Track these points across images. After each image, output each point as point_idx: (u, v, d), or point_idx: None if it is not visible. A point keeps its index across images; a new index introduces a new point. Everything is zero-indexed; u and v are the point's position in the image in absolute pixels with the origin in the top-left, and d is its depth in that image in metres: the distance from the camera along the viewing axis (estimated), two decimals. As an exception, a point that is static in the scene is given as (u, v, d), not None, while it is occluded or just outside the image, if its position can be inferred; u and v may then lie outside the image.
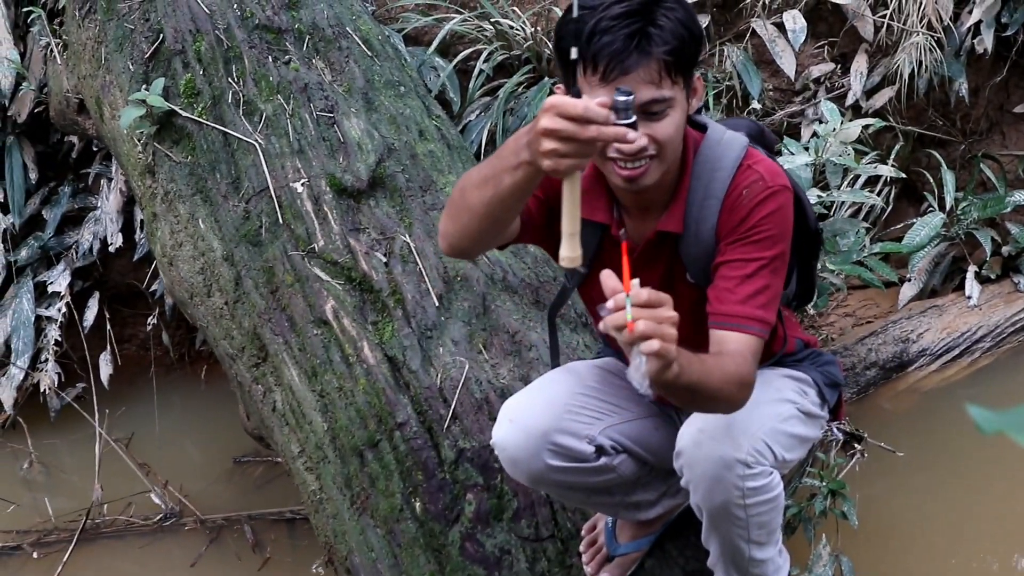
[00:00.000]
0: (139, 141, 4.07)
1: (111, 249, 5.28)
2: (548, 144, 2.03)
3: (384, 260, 3.59)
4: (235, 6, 4.04)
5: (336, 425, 3.41)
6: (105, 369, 5.22)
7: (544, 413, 2.69)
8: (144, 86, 3.99)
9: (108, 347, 5.28)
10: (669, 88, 2.34)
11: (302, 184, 3.73)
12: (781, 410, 2.69)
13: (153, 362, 5.44)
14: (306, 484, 3.52)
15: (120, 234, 5.24)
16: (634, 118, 2.15)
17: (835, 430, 4.00)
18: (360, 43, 4.11)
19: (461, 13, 5.22)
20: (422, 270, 3.58)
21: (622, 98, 2.14)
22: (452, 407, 3.30)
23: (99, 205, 5.32)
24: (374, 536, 3.25)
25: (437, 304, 3.51)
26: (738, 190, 2.48)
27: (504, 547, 3.12)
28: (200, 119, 3.91)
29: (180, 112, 3.94)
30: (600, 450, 2.74)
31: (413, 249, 3.62)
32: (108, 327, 5.32)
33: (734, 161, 2.52)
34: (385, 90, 4.03)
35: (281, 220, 3.71)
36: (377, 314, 3.52)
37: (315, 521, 3.54)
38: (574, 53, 2.17)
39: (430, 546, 3.16)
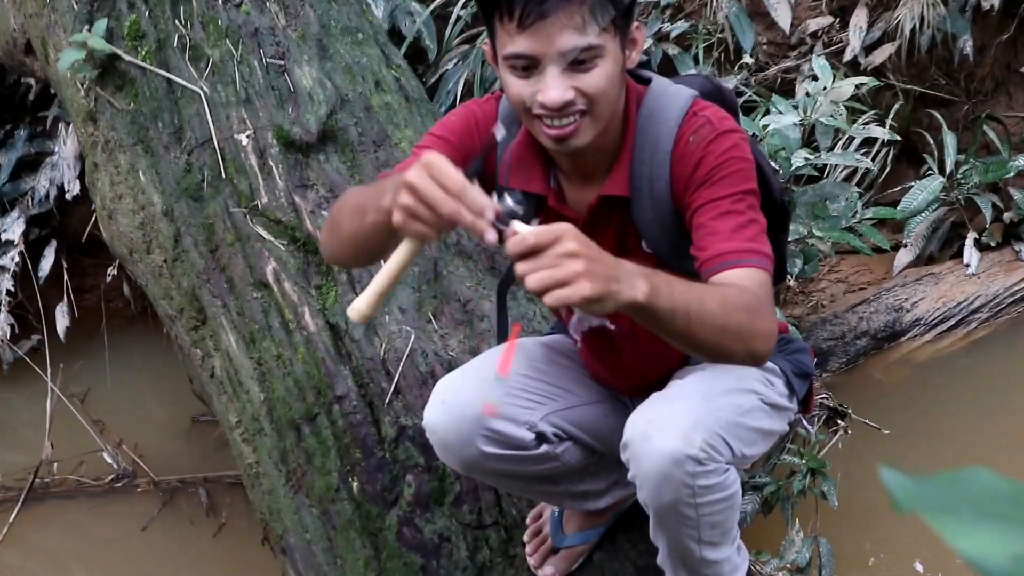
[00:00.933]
0: (81, 86, 3.85)
1: (68, 197, 5.10)
2: (406, 199, 1.82)
3: (331, 219, 3.36)
4: (185, -59, 3.78)
5: (273, 396, 3.22)
6: (61, 321, 5.07)
7: (479, 395, 2.44)
8: (87, 27, 3.77)
9: (65, 298, 5.11)
10: (596, 35, 2.08)
11: (247, 136, 3.51)
12: (742, 401, 2.44)
13: (106, 315, 5.30)
14: (243, 456, 3.33)
15: (78, 181, 5.03)
16: (521, 227, 1.81)
17: (804, 422, 3.80)
18: (318, -15, 3.85)
19: (442, -45, 4.99)
20: (371, 230, 3.34)
21: (512, 206, 1.83)
22: (395, 381, 3.11)
23: (56, 150, 5.12)
24: (309, 516, 3.07)
25: None
26: (684, 138, 2.24)
27: (443, 533, 2.93)
28: (144, 64, 3.68)
29: (123, 56, 3.71)
30: (541, 437, 2.53)
31: (363, 209, 3.39)
32: (65, 277, 5.15)
33: (680, 111, 2.27)
34: (342, 36, 3.78)
35: (224, 174, 3.49)
36: (321, 277, 3.31)
37: (252, 496, 3.36)
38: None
39: (366, 529, 2.98)
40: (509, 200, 1.83)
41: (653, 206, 2.30)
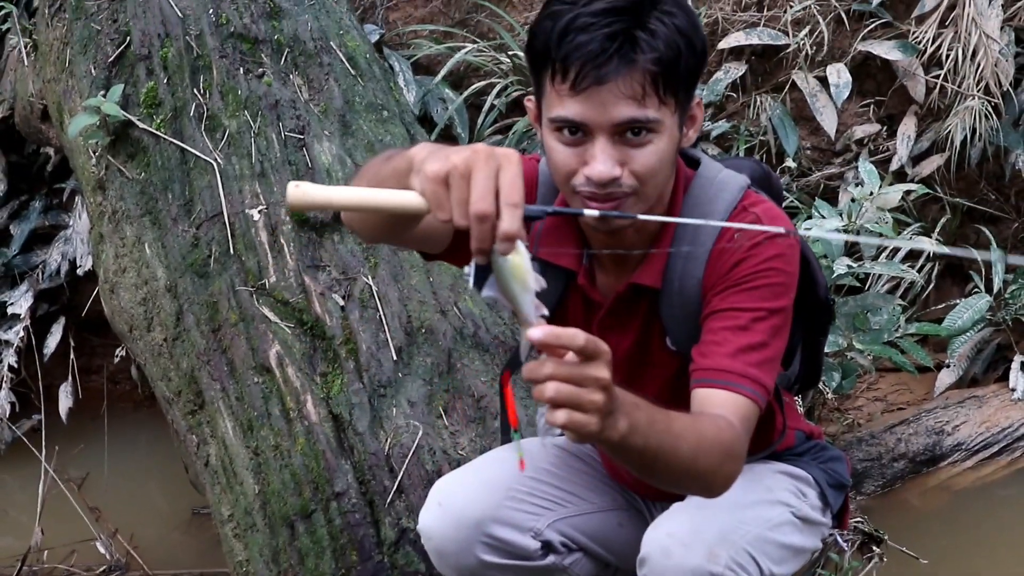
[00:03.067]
0: (93, 153, 3.77)
1: (80, 272, 5.01)
2: (453, 174, 1.57)
3: (341, 303, 3.25)
4: (211, 11, 3.71)
5: (268, 489, 3.08)
6: (64, 401, 4.93)
7: (480, 498, 2.31)
8: (103, 92, 3.69)
9: (70, 377, 4.99)
10: (655, 108, 1.92)
11: (259, 211, 3.39)
12: (772, 514, 2.30)
13: (108, 397, 5.18)
14: (233, 553, 3.19)
15: (90, 256, 4.90)
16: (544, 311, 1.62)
17: (838, 539, 3.61)
18: (344, 60, 3.75)
19: (476, 43, 4.89)
20: (382, 317, 3.22)
21: (542, 281, 1.62)
22: (399, 479, 2.97)
23: (71, 223, 5.02)
24: (298, 622, 2.88)
25: (395, 358, 3.17)
26: (730, 234, 2.08)
27: (441, 649, 2.72)
28: (158, 132, 3.59)
29: (137, 123, 3.62)
30: (548, 547, 2.36)
31: (375, 293, 3.27)
32: (72, 356, 5.03)
33: (729, 204, 2.13)
34: (366, 113, 3.69)
35: (232, 250, 3.37)
36: (327, 364, 3.18)
37: (241, 596, 3.16)
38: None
39: (359, 640, 2.79)
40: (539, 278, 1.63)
41: (682, 302, 2.16)
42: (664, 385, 2.23)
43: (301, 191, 1.62)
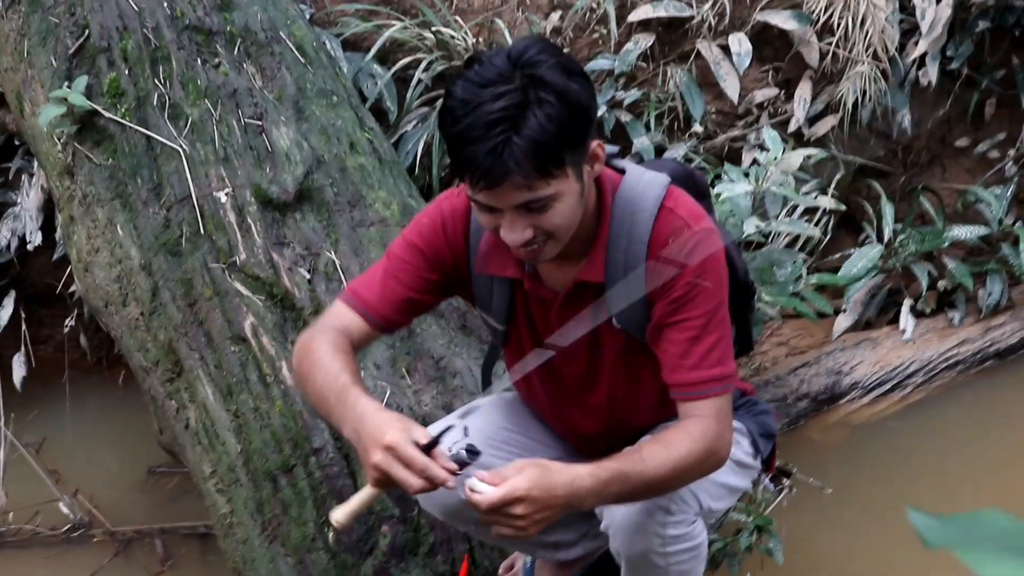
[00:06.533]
0: (59, 140, 3.91)
1: (29, 247, 5.10)
2: (376, 475, 2.14)
3: (308, 277, 3.47)
4: (165, 4, 3.87)
5: (250, 447, 3.29)
6: (18, 371, 5.05)
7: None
8: (66, 83, 3.83)
9: (22, 348, 5.11)
10: (545, 187, 2.16)
11: (226, 194, 3.59)
12: None
13: (68, 365, 5.27)
14: (217, 506, 3.40)
15: (40, 232, 5.05)
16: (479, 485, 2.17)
17: (766, 481, 3.91)
18: (293, 49, 3.95)
19: (402, 20, 5.09)
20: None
21: (466, 458, 2.21)
22: None
23: (19, 201, 5.13)
24: (284, 565, 3.14)
25: None
26: (662, 237, 2.36)
27: (419, 583, 3.01)
28: (123, 121, 3.75)
29: (103, 112, 3.78)
30: (518, 486, 2.65)
31: (338, 266, 3.50)
32: (23, 327, 5.15)
33: (655, 201, 2.38)
34: (317, 99, 3.89)
35: (203, 230, 3.56)
36: (298, 333, 3.37)
37: (224, 545, 3.42)
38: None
39: (342, 578, 3.05)
40: (463, 454, 2.20)
41: (626, 291, 2.41)
42: (615, 358, 2.56)
43: (337, 520, 2.25)
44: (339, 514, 2.23)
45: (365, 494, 2.22)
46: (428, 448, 2.12)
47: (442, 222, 2.53)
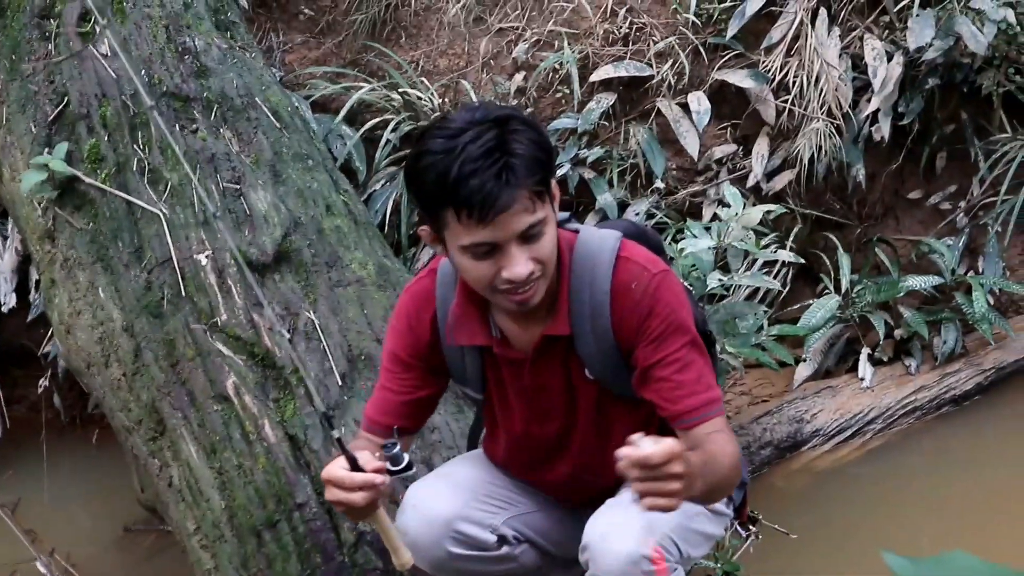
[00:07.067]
0: (39, 205, 3.98)
1: (3, 309, 5.12)
2: (333, 503, 2.39)
3: (288, 336, 3.54)
4: (143, 72, 3.96)
5: (234, 504, 3.36)
6: (-8, 431, 5.08)
7: (449, 500, 2.72)
8: (47, 149, 3.92)
9: (-4, 408, 5.14)
10: (541, 208, 2.33)
11: (206, 256, 3.67)
12: (688, 507, 2.64)
13: (44, 425, 5.28)
14: (201, 563, 3.45)
15: (14, 294, 5.09)
16: (406, 459, 2.41)
17: (738, 528, 3.98)
18: (269, 114, 4.06)
19: (369, 82, 5.21)
20: (326, 348, 3.54)
21: (393, 451, 2.40)
22: None
23: (-8, 264, 5.18)
24: (269, 618, 3.21)
25: (340, 383, 3.48)
26: (624, 285, 2.49)
27: (401, 634, 3.08)
28: (104, 186, 3.83)
29: (83, 178, 3.86)
30: (502, 539, 2.76)
31: (317, 326, 3.58)
32: (-2, 388, 5.17)
33: (611, 253, 2.52)
34: (293, 163, 3.99)
35: (184, 292, 3.64)
36: (279, 391, 3.48)
37: (209, 601, 3.47)
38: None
39: (327, 630, 3.12)
40: (394, 448, 2.40)
41: (596, 340, 2.54)
42: (592, 406, 2.67)
43: (402, 563, 2.46)
44: (402, 558, 2.44)
45: (380, 528, 2.42)
46: (354, 466, 2.30)
47: (407, 317, 2.69)
